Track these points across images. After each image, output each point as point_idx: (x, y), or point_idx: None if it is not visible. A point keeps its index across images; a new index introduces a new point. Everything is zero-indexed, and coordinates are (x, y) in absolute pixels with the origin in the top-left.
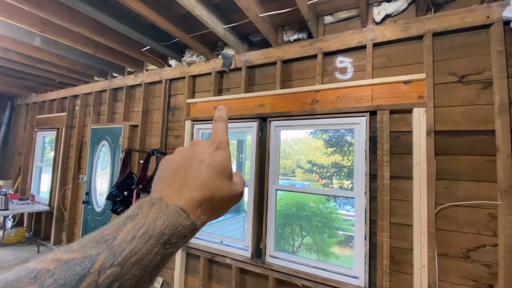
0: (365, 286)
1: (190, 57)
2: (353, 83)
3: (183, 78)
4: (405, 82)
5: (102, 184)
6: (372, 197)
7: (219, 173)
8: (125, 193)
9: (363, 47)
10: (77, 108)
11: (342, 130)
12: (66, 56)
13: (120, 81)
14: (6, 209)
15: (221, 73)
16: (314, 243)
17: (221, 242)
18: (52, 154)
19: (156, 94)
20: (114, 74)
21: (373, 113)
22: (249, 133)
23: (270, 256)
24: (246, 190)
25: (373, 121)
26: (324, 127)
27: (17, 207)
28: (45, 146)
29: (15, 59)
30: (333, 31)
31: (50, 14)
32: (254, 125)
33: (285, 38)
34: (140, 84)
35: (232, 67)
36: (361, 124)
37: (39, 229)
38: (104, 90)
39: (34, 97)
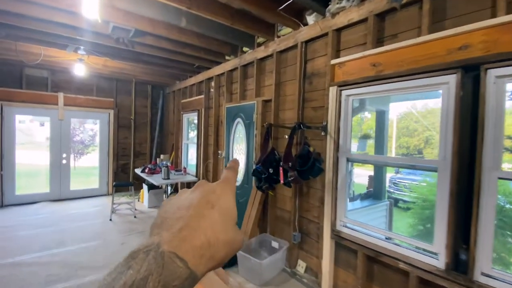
0: None
1: (338, 3)
2: None
3: (324, 35)
4: None
5: (239, 159)
6: None
7: (226, 217)
8: (270, 170)
9: None
10: (212, 90)
11: None
12: (205, 34)
13: (250, 55)
14: (168, 178)
15: (381, 16)
16: None
17: (387, 238)
18: (192, 134)
19: (289, 63)
20: (244, 49)
21: None
22: (398, 100)
23: (483, 274)
24: (434, 174)
25: None
26: None
27: (175, 177)
28: (189, 126)
29: (165, 46)
30: None
31: None
32: (448, 79)
33: None
34: (271, 55)
35: (404, 0)
36: None
37: None
38: (235, 68)
39: (178, 84)
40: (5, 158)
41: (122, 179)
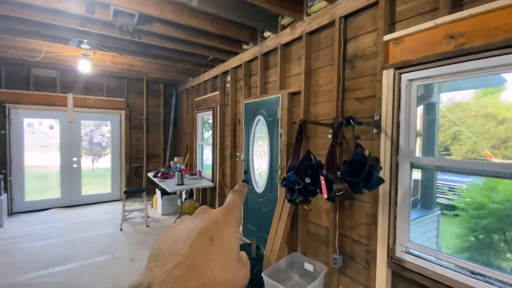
0: None
1: None
2: None
3: (371, 6)
4: None
5: (260, 162)
6: None
7: (225, 252)
8: (306, 179)
9: None
10: (227, 85)
11: None
12: (220, 16)
13: (273, 41)
14: (182, 184)
15: None
16: None
17: (473, 274)
18: (207, 134)
19: (322, 45)
20: (265, 34)
21: None
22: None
23: None
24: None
25: None
26: None
27: (190, 182)
28: (204, 126)
29: (175, 34)
30: None
31: None
32: None
33: None
34: (299, 38)
35: None
36: None
37: (205, 201)
38: (254, 59)
39: (191, 81)
40: (14, 163)
41: (136, 183)
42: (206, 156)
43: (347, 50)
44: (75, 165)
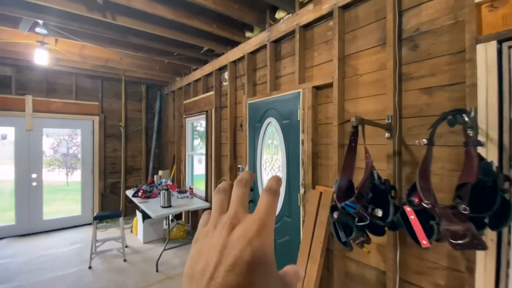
0: None
1: None
2: None
3: None
4: None
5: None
6: None
7: (263, 272)
8: (377, 211)
9: None
10: (225, 83)
11: None
12: None
13: (288, 23)
14: (169, 206)
15: None
16: None
17: None
18: (196, 143)
19: (362, 23)
20: (277, 16)
21: None
22: None
23: None
24: None
25: None
26: None
27: (179, 202)
28: (194, 133)
29: (163, 13)
30: None
31: None
32: None
33: None
34: (326, 15)
35: None
36: None
37: (196, 223)
38: (261, 48)
39: (179, 82)
40: None
41: (112, 202)
42: (197, 169)
43: (402, 24)
44: (34, 183)
